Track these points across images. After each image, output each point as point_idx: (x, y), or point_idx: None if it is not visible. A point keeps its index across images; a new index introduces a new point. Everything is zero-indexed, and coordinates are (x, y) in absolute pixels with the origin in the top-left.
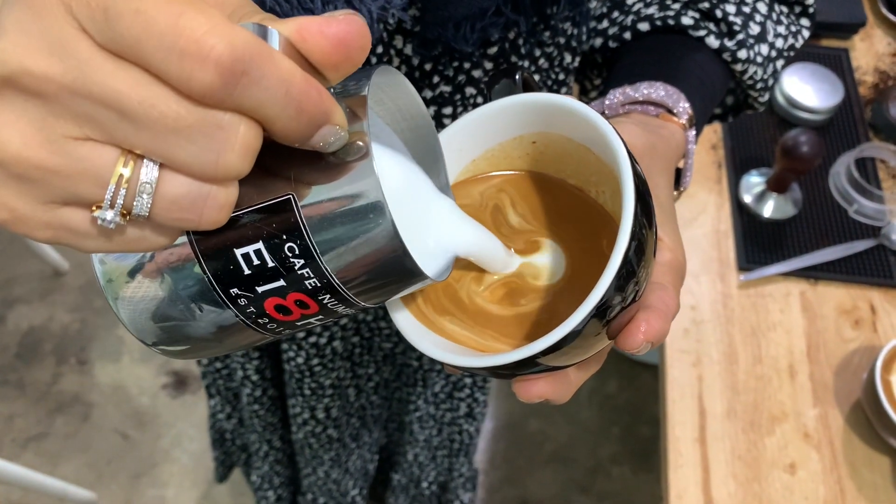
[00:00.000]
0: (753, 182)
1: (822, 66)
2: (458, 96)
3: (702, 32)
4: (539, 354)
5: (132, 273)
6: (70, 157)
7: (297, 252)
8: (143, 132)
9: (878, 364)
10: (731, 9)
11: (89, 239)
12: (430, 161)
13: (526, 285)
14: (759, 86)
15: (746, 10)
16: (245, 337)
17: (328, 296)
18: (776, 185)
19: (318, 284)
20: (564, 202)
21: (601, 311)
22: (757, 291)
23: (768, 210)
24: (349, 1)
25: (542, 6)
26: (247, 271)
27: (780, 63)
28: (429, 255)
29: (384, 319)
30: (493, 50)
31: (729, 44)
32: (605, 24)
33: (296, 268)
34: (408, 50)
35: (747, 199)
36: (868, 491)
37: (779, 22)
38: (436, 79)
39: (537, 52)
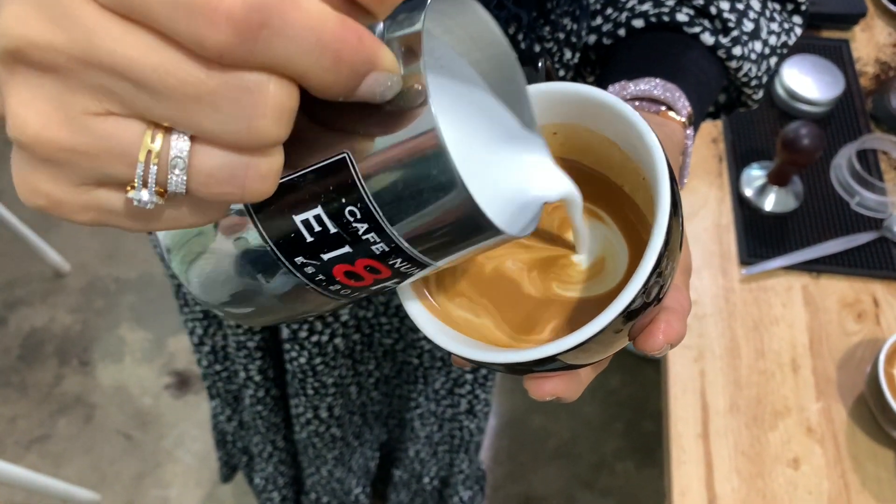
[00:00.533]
0: (754, 175)
1: (823, 58)
2: None
3: (697, 29)
4: (563, 352)
5: (195, 244)
6: (93, 135)
7: (358, 216)
8: (164, 102)
9: (882, 357)
10: (725, 5)
11: (132, 219)
12: (512, 94)
13: (557, 268)
14: (753, 83)
15: (740, 6)
16: (318, 303)
17: (399, 259)
18: (777, 179)
19: (387, 249)
20: (595, 191)
21: (631, 311)
22: (759, 285)
23: (769, 203)
24: None
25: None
26: (309, 239)
27: (773, 60)
28: (511, 205)
29: (385, 315)
30: None
31: (724, 40)
32: (599, 20)
33: (359, 233)
34: None
35: (748, 192)
36: (872, 485)
37: (772, 19)
38: None
39: (537, 48)
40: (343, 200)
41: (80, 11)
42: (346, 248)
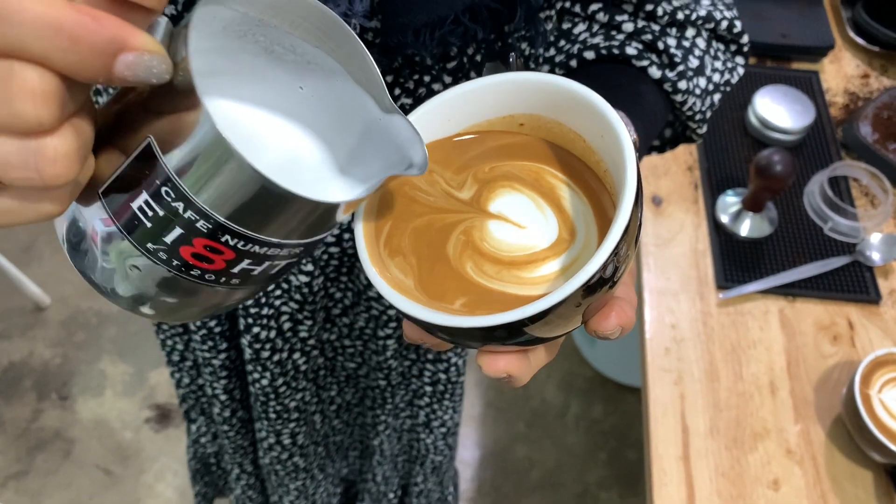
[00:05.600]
0: (729, 202)
1: (794, 88)
2: None
3: (645, 62)
4: (528, 318)
5: (73, 239)
6: None
7: (172, 196)
8: None
9: (857, 378)
10: (671, 42)
11: None
12: (367, 77)
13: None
14: (697, 117)
15: (686, 44)
16: (200, 293)
17: (228, 236)
18: (752, 205)
19: (210, 225)
20: (557, 164)
21: (590, 285)
22: (736, 309)
23: (745, 229)
24: None
25: (500, 20)
26: (148, 224)
27: (717, 97)
28: (361, 179)
29: (348, 338)
30: (452, 64)
31: (670, 74)
32: (552, 51)
33: (180, 212)
34: None
35: (724, 218)
36: None
37: (716, 58)
38: (397, 91)
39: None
40: (157, 183)
41: None
42: (178, 230)
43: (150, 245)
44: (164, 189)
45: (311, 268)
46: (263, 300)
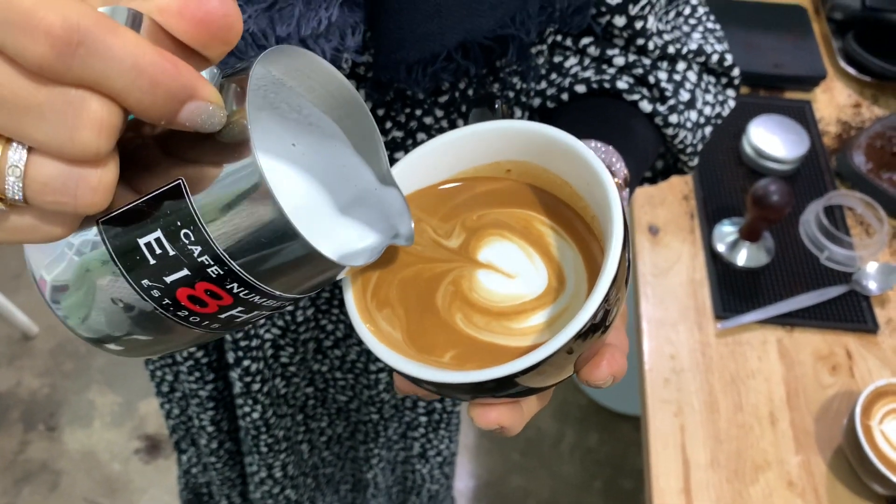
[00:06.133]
0: (726, 231)
1: (787, 118)
2: (409, 142)
3: (635, 97)
4: (521, 372)
5: (54, 267)
6: None
7: (192, 239)
8: (1, 113)
9: (858, 410)
10: (662, 76)
11: None
12: (370, 146)
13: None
14: (688, 150)
15: (677, 77)
16: (175, 332)
17: (235, 284)
18: (748, 234)
19: (221, 272)
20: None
21: (582, 333)
22: (734, 339)
23: (742, 258)
24: (304, 42)
25: (492, 56)
26: (152, 261)
27: (708, 129)
28: (346, 242)
29: (339, 370)
30: (443, 98)
31: (661, 108)
32: (543, 84)
33: (195, 255)
34: (361, 95)
35: (721, 248)
36: None
37: (707, 91)
38: (388, 124)
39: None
40: (178, 224)
41: None
42: (185, 271)
43: (145, 282)
44: (184, 231)
45: None
46: (252, 332)
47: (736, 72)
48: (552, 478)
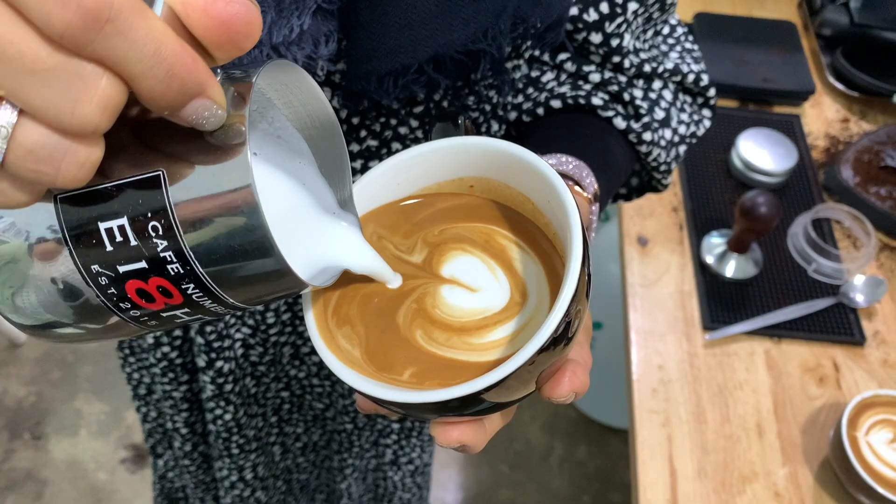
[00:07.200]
0: (714, 243)
1: (776, 131)
2: (384, 151)
3: (610, 113)
4: (487, 388)
5: (4, 252)
6: None
7: (160, 232)
8: (1, 70)
9: (844, 421)
10: (638, 93)
11: None
12: (336, 171)
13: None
14: (662, 168)
15: (653, 96)
16: (109, 324)
17: (192, 285)
18: (737, 246)
19: (181, 271)
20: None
21: (549, 344)
22: (722, 350)
23: (730, 270)
24: (276, 49)
25: (464, 70)
26: (109, 248)
27: (682, 148)
28: (310, 263)
29: (317, 377)
30: (418, 109)
31: (635, 126)
32: (520, 98)
33: (158, 249)
34: (335, 103)
35: (709, 259)
36: None
37: (682, 110)
38: (363, 133)
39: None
40: (148, 214)
41: None
42: (142, 264)
43: (94, 267)
44: (152, 223)
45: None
46: (225, 332)
47: (712, 92)
48: (541, 491)
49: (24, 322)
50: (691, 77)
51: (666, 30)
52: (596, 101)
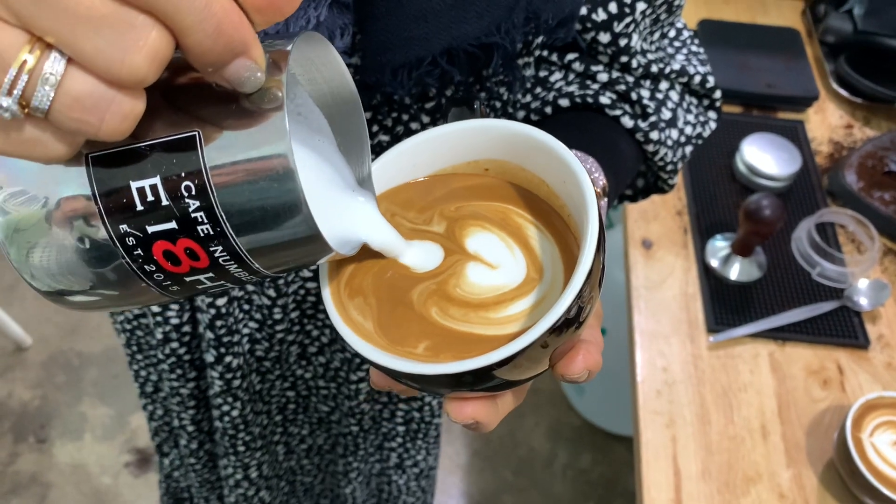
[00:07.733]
0: (719, 246)
1: (780, 136)
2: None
3: (618, 112)
4: (498, 363)
5: (31, 216)
6: None
7: (193, 192)
8: (54, 16)
9: (849, 423)
10: (645, 93)
11: None
12: (356, 149)
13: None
14: (668, 168)
15: (660, 96)
16: (131, 287)
17: (220, 248)
18: (741, 249)
19: (211, 232)
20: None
21: (557, 327)
22: (726, 352)
23: (734, 273)
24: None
25: (477, 64)
26: (139, 207)
27: (688, 149)
28: (333, 231)
29: (323, 378)
30: (430, 104)
31: (642, 125)
32: (528, 97)
33: (189, 209)
34: None
35: (713, 262)
36: None
37: (688, 111)
38: (375, 128)
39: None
40: (182, 174)
41: None
42: (173, 224)
43: (123, 227)
44: (185, 183)
45: (273, 293)
46: (234, 327)
47: (718, 94)
48: (544, 498)
49: (44, 287)
50: (697, 78)
51: (672, 33)
52: (604, 99)
